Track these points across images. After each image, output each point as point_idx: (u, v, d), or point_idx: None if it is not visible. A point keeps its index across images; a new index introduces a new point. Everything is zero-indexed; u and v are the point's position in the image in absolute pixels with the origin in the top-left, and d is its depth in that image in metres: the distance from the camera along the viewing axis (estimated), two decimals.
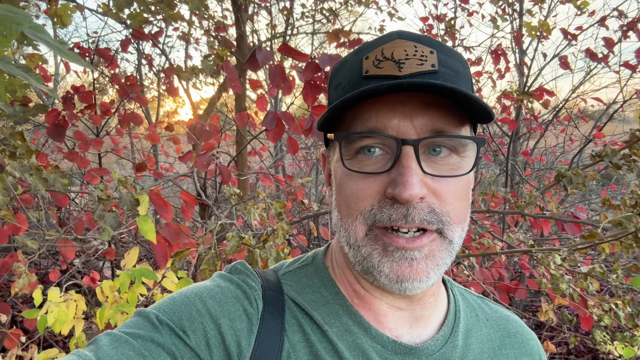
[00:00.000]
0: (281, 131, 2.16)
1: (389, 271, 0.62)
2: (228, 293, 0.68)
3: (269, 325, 0.66)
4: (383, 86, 0.58)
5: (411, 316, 0.72)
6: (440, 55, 0.64)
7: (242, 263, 0.77)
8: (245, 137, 3.23)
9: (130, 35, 3.12)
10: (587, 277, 2.24)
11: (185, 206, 2.61)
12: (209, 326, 0.63)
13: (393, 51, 0.64)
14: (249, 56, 2.00)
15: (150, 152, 5.47)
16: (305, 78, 2.04)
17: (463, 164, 0.64)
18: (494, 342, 0.77)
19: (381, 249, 0.63)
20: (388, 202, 0.61)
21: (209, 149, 2.45)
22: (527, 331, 0.83)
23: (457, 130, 0.63)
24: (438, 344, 0.71)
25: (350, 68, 0.68)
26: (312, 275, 0.76)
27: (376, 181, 0.63)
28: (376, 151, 0.63)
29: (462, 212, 0.65)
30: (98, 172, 2.38)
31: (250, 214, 2.00)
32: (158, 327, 0.61)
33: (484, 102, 0.60)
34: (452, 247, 0.64)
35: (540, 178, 6.00)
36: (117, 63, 3.55)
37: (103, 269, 4.59)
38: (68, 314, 1.89)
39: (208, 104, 3.90)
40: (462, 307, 0.79)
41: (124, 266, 2.14)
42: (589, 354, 4.27)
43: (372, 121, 0.63)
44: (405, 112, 0.62)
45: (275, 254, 1.66)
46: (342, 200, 0.67)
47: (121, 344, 0.58)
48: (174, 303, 0.66)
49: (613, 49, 3.54)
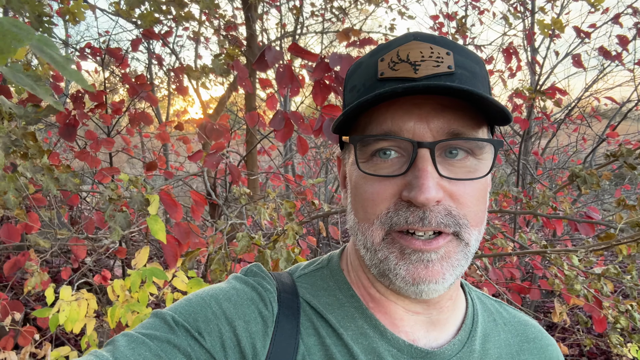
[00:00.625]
0: (290, 131, 2.15)
1: (405, 273, 0.61)
2: (243, 295, 0.68)
3: (284, 328, 0.66)
4: (398, 89, 0.57)
5: (428, 320, 0.71)
6: (456, 56, 0.64)
7: (258, 265, 0.77)
8: (255, 137, 3.23)
9: (140, 35, 3.13)
10: (600, 278, 2.21)
11: (195, 206, 2.62)
12: (225, 328, 0.63)
13: (409, 53, 0.63)
14: (258, 56, 2.00)
15: (160, 152, 5.49)
16: (315, 78, 2.04)
17: (480, 167, 0.63)
18: (512, 348, 0.76)
19: (398, 252, 0.62)
20: (404, 205, 0.61)
21: (218, 148, 2.45)
22: (546, 337, 0.81)
23: (473, 133, 0.63)
24: (455, 348, 0.70)
25: (365, 70, 0.68)
26: (327, 278, 0.76)
27: (392, 184, 0.62)
28: (392, 154, 0.63)
29: (480, 215, 0.64)
30: (109, 172, 2.39)
31: (260, 213, 1.99)
32: (174, 329, 0.61)
33: (502, 104, 0.59)
34: (468, 249, 0.63)
35: (552, 178, 5.94)
36: (128, 62, 3.56)
37: (114, 267, 4.62)
38: (79, 313, 1.90)
39: (218, 103, 3.90)
40: (480, 311, 0.78)
41: (135, 265, 2.15)
42: (602, 356, 4.22)
43: (387, 124, 0.62)
44: (421, 114, 0.61)
45: (286, 254, 1.65)
46: (359, 204, 0.66)
47: (138, 345, 0.59)
48: (189, 305, 0.66)
49: (627, 47, 3.49)
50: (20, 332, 2.38)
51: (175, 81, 3.06)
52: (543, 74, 4.39)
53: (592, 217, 2.58)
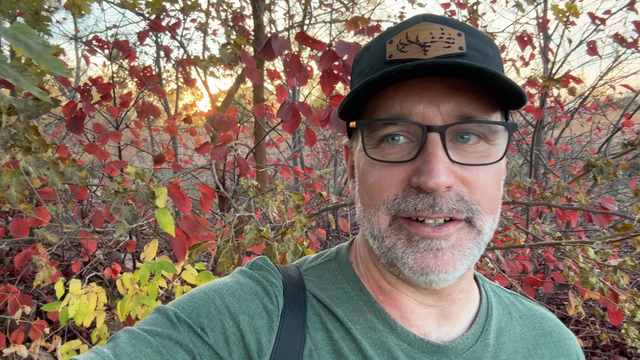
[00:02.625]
0: (297, 122, 2.11)
1: (413, 263, 0.59)
2: (248, 289, 0.67)
3: (290, 323, 0.64)
4: (406, 67, 0.55)
5: (440, 313, 0.69)
6: (468, 37, 0.60)
7: (263, 258, 0.75)
8: (264, 129, 3.21)
9: (148, 27, 3.10)
10: (616, 270, 2.15)
11: (203, 199, 2.60)
12: (228, 323, 0.61)
13: (418, 34, 0.60)
14: (264, 45, 1.96)
15: (169, 145, 5.50)
16: (323, 67, 2.00)
17: (493, 152, 0.60)
18: (529, 342, 0.73)
19: (405, 239, 0.60)
20: (413, 192, 0.58)
21: (226, 140, 2.43)
22: (564, 330, 0.78)
23: (486, 116, 0.59)
24: (468, 342, 0.67)
25: (373, 53, 0.65)
26: (335, 271, 0.74)
27: (400, 170, 0.59)
28: (400, 139, 0.60)
29: (494, 201, 0.61)
30: (117, 165, 2.38)
31: (268, 206, 1.97)
32: (176, 325, 0.60)
33: (516, 83, 0.55)
34: (480, 237, 0.60)
35: (564, 168, 5.84)
36: (136, 55, 3.55)
37: (124, 260, 4.64)
38: (89, 306, 1.90)
39: (226, 95, 3.88)
40: (495, 304, 0.75)
41: (144, 259, 2.14)
42: (616, 348, 4.16)
43: (396, 107, 0.59)
44: (431, 97, 0.58)
45: (294, 247, 1.63)
46: (365, 191, 0.64)
47: (139, 342, 0.58)
48: (192, 300, 0.64)
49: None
50: (31, 326, 2.38)
51: (183, 73, 3.03)
52: (557, 63, 4.29)
53: (607, 208, 2.52)
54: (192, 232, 2.28)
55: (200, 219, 2.33)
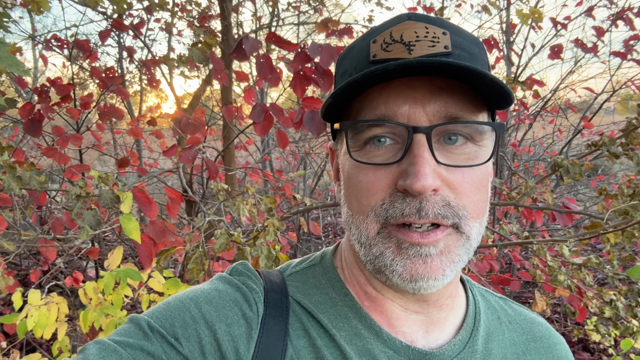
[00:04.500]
0: (269, 124, 2.08)
1: (402, 270, 0.57)
2: (226, 297, 0.64)
3: (270, 330, 0.62)
4: (390, 66, 0.53)
5: (426, 319, 0.67)
6: (453, 36, 0.59)
7: (244, 264, 0.73)
8: (234, 131, 3.15)
9: (110, 26, 3.00)
10: (581, 267, 2.21)
11: (170, 203, 2.52)
12: (204, 332, 0.60)
13: (402, 33, 0.59)
14: (236, 45, 1.92)
15: (133, 148, 5.34)
16: (294, 68, 1.97)
17: (480, 153, 0.59)
18: (518, 347, 0.72)
19: (395, 247, 0.58)
20: (400, 196, 0.57)
21: (194, 143, 2.36)
22: (554, 335, 0.77)
23: (473, 116, 0.58)
24: (455, 349, 0.66)
25: (357, 53, 0.63)
26: (319, 275, 0.71)
27: (386, 173, 0.58)
28: (386, 141, 0.59)
29: (480, 205, 0.60)
30: (79, 169, 2.28)
31: (239, 210, 1.92)
32: (149, 335, 0.58)
33: (503, 82, 0.54)
34: (469, 243, 0.59)
35: (527, 169, 6.00)
36: (97, 56, 3.42)
37: (87, 268, 4.47)
38: (49, 318, 1.80)
39: (193, 97, 3.79)
40: (483, 309, 0.73)
41: (108, 266, 2.05)
42: (580, 344, 4.29)
43: (380, 108, 0.58)
44: (416, 97, 0.57)
45: (267, 251, 1.59)
46: (352, 195, 0.62)
47: (109, 353, 0.56)
48: (168, 309, 0.62)
49: (602, 38, 3.52)
50: None
51: (147, 74, 2.94)
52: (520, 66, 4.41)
53: (569, 207, 2.59)
54: (159, 238, 2.20)
55: (167, 224, 2.25)
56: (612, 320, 1.71)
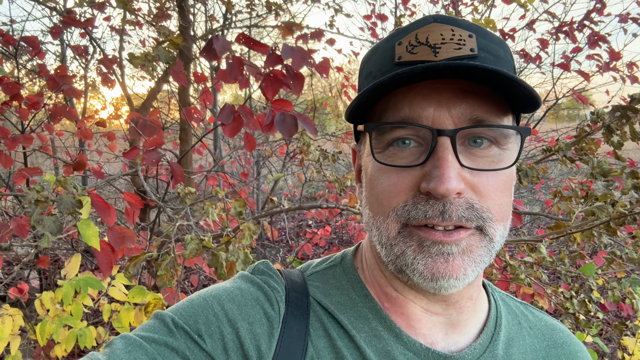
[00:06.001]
0: (239, 126, 2.04)
1: (423, 268, 0.58)
2: (248, 295, 0.65)
3: (291, 329, 0.63)
4: (417, 69, 0.53)
5: (447, 321, 0.67)
6: (479, 39, 0.60)
7: (266, 263, 0.72)
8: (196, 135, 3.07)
9: (60, 23, 2.84)
10: (532, 266, 2.33)
11: (129, 208, 2.42)
12: (227, 330, 0.60)
13: (428, 35, 0.59)
14: (205, 45, 1.88)
15: (78, 151, 5.07)
16: (265, 69, 1.95)
17: (505, 157, 0.60)
18: (539, 353, 0.72)
19: (416, 245, 0.58)
20: (423, 198, 0.57)
21: (157, 144, 2.28)
22: (575, 342, 0.77)
23: (498, 120, 0.59)
24: (476, 352, 0.66)
25: (382, 55, 0.63)
26: (340, 276, 0.71)
27: (410, 175, 0.58)
28: (410, 143, 0.59)
29: (504, 208, 0.61)
30: (30, 172, 2.13)
31: (208, 214, 1.87)
32: (173, 331, 0.59)
33: (530, 85, 0.55)
34: (492, 245, 0.60)
35: None
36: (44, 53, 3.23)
37: (29, 279, 4.19)
38: (4, 331, 1.66)
39: (147, 97, 3.66)
40: (504, 313, 0.74)
41: (65, 276, 1.93)
42: None
43: (405, 110, 0.58)
44: (441, 100, 0.57)
45: (244, 256, 1.55)
46: (374, 197, 0.62)
47: (135, 348, 0.57)
48: (191, 306, 0.63)
49: (547, 50, 3.74)
50: None
51: (102, 73, 2.81)
52: None
53: (517, 209, 2.75)
54: (118, 245, 2.10)
55: (126, 230, 2.16)
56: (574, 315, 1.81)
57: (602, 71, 3.64)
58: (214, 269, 1.58)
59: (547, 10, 3.96)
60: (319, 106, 6.09)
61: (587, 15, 3.65)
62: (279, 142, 5.47)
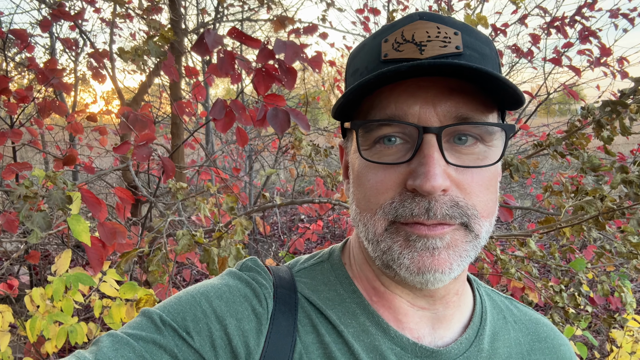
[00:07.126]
0: (231, 121, 2.03)
1: (409, 263, 0.58)
2: (236, 292, 0.65)
3: (280, 325, 0.63)
4: (402, 67, 0.54)
5: (433, 316, 0.68)
6: (465, 37, 0.60)
7: (254, 259, 0.73)
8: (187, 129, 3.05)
9: (49, 16, 2.80)
10: (523, 260, 2.35)
11: (120, 203, 2.40)
12: (215, 327, 0.60)
13: (414, 33, 0.60)
14: (197, 39, 1.86)
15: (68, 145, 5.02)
16: (257, 64, 1.94)
17: (490, 154, 0.61)
18: (523, 347, 0.73)
19: (403, 240, 0.59)
20: (409, 195, 0.58)
21: (148, 139, 2.26)
22: (558, 336, 0.79)
23: (483, 117, 0.60)
24: (462, 347, 0.67)
25: (368, 52, 0.64)
26: (327, 272, 0.72)
27: (396, 172, 0.59)
28: (396, 140, 0.59)
29: (490, 204, 0.61)
30: (19, 167, 2.11)
31: (200, 209, 1.86)
32: (160, 328, 0.59)
33: (514, 84, 0.56)
34: (477, 241, 0.61)
35: None
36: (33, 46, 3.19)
37: (19, 274, 4.16)
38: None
39: (138, 91, 3.63)
40: (489, 308, 0.75)
41: (55, 271, 1.92)
42: None
43: (391, 108, 0.59)
44: (427, 97, 0.58)
45: (236, 251, 1.55)
46: (361, 194, 0.63)
47: (122, 346, 0.57)
48: (179, 303, 0.63)
49: (538, 45, 3.76)
50: None
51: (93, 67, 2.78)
52: None
53: (509, 203, 2.77)
54: (109, 241, 2.09)
55: (117, 226, 2.15)
56: (565, 309, 1.83)
57: (593, 66, 3.66)
58: (206, 264, 1.58)
59: (539, 5, 3.98)
60: (312, 100, 6.07)
61: (578, 11, 3.66)
62: (271, 136, 5.46)
